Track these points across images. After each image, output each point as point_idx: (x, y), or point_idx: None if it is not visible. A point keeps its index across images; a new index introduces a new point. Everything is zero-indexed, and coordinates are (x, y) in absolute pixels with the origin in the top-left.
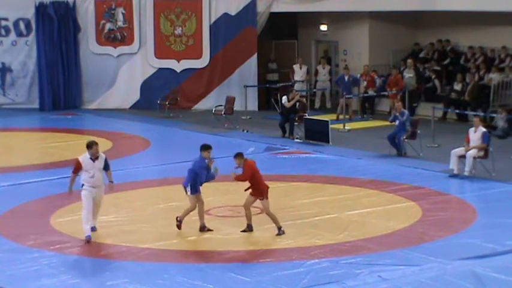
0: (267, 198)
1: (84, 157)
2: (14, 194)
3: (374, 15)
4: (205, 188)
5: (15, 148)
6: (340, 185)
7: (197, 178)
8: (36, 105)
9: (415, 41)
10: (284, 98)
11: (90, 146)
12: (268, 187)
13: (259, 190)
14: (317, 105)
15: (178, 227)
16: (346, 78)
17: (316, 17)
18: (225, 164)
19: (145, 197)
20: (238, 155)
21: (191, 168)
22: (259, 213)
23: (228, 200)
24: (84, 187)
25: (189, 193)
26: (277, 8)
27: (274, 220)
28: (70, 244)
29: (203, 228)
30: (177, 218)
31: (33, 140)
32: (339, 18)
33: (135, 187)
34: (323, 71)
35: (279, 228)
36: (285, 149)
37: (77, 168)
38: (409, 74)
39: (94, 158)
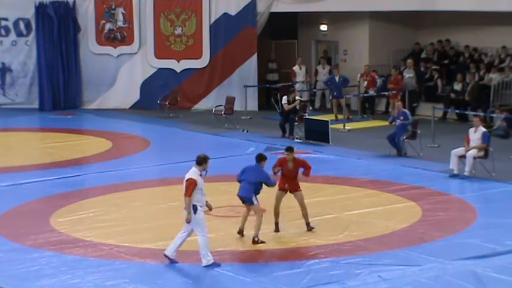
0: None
1: (195, 174)
2: (14, 194)
3: (374, 15)
4: (205, 188)
5: (15, 148)
6: (340, 185)
7: (259, 188)
8: (36, 105)
9: (415, 41)
10: (284, 98)
11: (205, 161)
12: None
13: (296, 182)
14: (317, 105)
15: (262, 242)
16: (336, 78)
17: (316, 17)
18: (225, 163)
19: (145, 197)
20: (292, 149)
21: (257, 181)
22: None
23: (228, 200)
24: (198, 210)
25: (255, 203)
26: (277, 8)
27: (305, 215)
28: (70, 244)
29: (241, 232)
30: (253, 239)
31: (33, 140)
32: (339, 18)
33: (135, 187)
34: (323, 71)
35: (308, 223)
36: None
37: (193, 189)
38: (409, 74)
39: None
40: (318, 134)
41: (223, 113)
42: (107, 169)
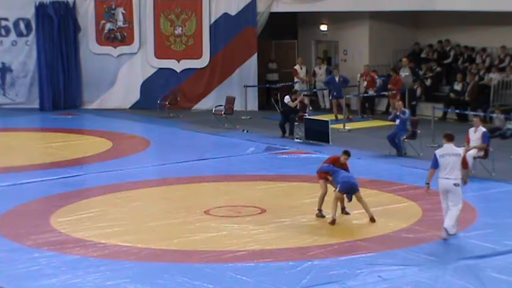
0: None
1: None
2: (14, 194)
3: (374, 15)
4: (205, 188)
5: (15, 148)
6: None
7: None
8: (36, 105)
9: (415, 41)
10: (287, 98)
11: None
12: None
13: None
14: (322, 105)
15: (372, 219)
16: (336, 79)
17: (316, 17)
18: (225, 163)
19: (145, 197)
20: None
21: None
22: (259, 213)
23: (228, 200)
24: (461, 184)
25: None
26: (277, 8)
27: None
28: (70, 244)
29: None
30: (371, 218)
31: (33, 140)
32: (339, 18)
33: (135, 187)
34: (319, 71)
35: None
36: (285, 149)
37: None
38: (404, 73)
39: None
40: (318, 134)
41: (223, 113)
42: (107, 169)
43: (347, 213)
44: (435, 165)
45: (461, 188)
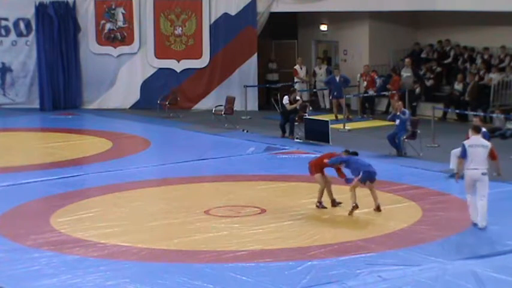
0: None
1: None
2: (14, 194)
3: (374, 15)
4: (205, 188)
5: (15, 148)
6: (340, 185)
7: None
8: (36, 105)
9: (415, 41)
10: (286, 98)
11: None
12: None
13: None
14: (322, 105)
15: (378, 208)
16: (337, 78)
17: (316, 17)
18: (225, 163)
19: (145, 197)
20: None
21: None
22: (259, 213)
23: (228, 200)
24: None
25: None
26: (277, 8)
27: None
28: (70, 244)
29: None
30: (379, 207)
31: (33, 140)
32: (339, 18)
33: (135, 187)
34: (320, 71)
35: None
36: (285, 149)
37: None
38: (406, 73)
39: None
40: (318, 134)
41: (223, 113)
42: (107, 169)
43: (338, 203)
44: (464, 154)
45: (488, 178)
